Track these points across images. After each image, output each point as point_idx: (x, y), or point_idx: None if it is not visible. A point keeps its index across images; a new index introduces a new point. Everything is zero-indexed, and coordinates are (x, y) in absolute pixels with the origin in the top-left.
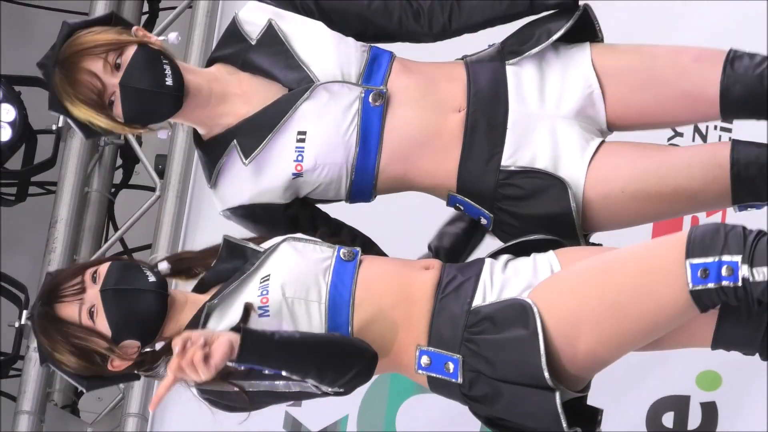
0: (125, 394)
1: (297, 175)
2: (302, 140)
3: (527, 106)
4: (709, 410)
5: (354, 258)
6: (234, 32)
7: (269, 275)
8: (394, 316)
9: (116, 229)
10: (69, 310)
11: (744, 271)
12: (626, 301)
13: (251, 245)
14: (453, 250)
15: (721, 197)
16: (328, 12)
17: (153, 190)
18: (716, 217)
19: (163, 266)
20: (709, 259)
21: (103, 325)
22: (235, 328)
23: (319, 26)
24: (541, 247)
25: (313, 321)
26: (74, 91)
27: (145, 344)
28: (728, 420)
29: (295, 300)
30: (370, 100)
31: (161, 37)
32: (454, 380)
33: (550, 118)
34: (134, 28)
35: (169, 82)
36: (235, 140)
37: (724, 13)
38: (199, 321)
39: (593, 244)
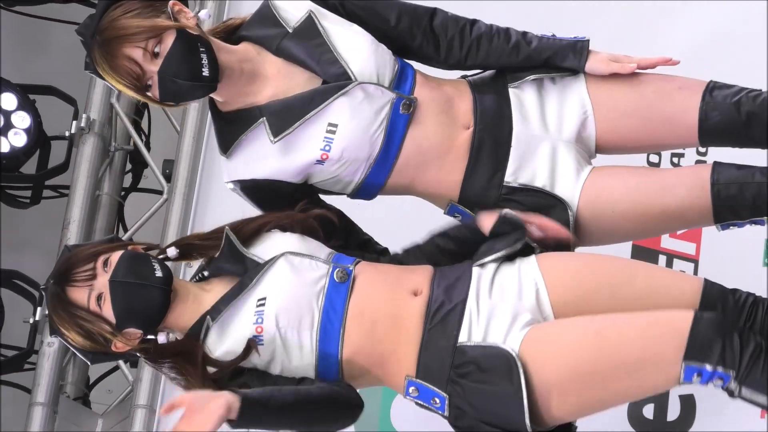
0: (134, 387)
1: (320, 162)
2: (332, 132)
3: (530, 127)
4: (688, 402)
5: (347, 279)
6: (268, 16)
7: (265, 299)
8: (383, 345)
9: (126, 230)
10: (79, 294)
11: (732, 385)
12: (616, 382)
13: (251, 255)
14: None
15: (705, 216)
16: (354, 19)
17: (161, 193)
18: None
19: (172, 252)
20: (706, 366)
21: (108, 312)
22: (233, 390)
23: (356, 28)
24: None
25: (304, 348)
26: (114, 73)
27: (147, 333)
28: (706, 412)
29: (288, 329)
30: (401, 107)
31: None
32: (440, 412)
33: (552, 140)
34: (171, 2)
35: (205, 72)
36: (264, 118)
37: (725, 14)
38: (200, 334)
39: None
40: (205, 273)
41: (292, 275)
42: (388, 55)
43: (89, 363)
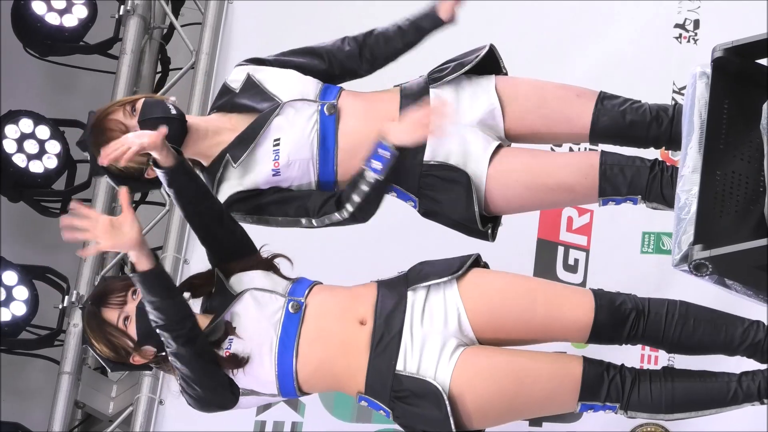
0: None
1: (276, 172)
2: (277, 145)
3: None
4: None
5: (299, 310)
6: (223, 89)
7: (235, 329)
8: (336, 366)
9: None
10: (111, 314)
11: (620, 412)
12: (526, 411)
13: (229, 288)
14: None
15: (591, 191)
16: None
17: (164, 205)
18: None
19: (186, 295)
20: (597, 403)
21: (132, 330)
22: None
23: (288, 71)
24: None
25: (265, 367)
26: (106, 137)
27: (161, 351)
28: None
29: (254, 355)
30: (325, 110)
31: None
32: (387, 418)
33: (463, 126)
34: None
35: (174, 112)
36: (227, 154)
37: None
38: None
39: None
40: (204, 305)
41: (255, 311)
42: (311, 81)
43: (110, 371)
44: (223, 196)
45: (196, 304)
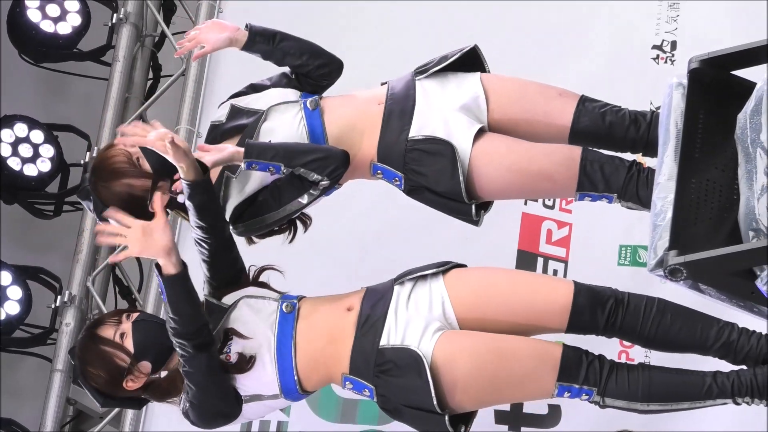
0: None
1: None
2: None
3: (430, 102)
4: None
5: (293, 310)
6: (210, 129)
7: (232, 338)
8: (326, 353)
9: None
10: (107, 331)
11: (596, 398)
12: (506, 390)
13: (221, 304)
14: None
15: (571, 182)
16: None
17: None
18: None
19: None
20: (574, 386)
21: (129, 344)
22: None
23: (268, 90)
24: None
25: (266, 367)
26: (109, 163)
27: (156, 369)
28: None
29: (255, 355)
30: (308, 105)
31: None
32: (371, 399)
33: (443, 110)
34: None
35: None
36: (225, 170)
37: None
38: None
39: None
40: None
41: (251, 316)
42: (291, 89)
43: (100, 406)
44: (228, 215)
45: None
